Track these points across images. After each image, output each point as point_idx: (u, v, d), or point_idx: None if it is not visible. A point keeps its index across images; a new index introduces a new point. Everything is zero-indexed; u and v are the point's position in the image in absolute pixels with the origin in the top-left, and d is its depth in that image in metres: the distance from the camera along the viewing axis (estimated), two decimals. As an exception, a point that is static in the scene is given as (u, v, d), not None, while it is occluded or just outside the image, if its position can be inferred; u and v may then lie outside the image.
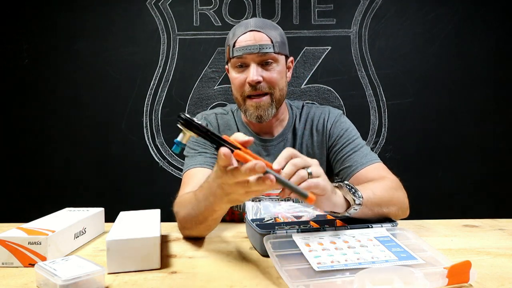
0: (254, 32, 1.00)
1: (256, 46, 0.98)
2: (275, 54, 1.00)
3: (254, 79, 0.98)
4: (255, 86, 0.99)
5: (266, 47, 0.99)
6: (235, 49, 1.00)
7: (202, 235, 0.88)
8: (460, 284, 0.58)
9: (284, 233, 0.71)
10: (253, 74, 0.98)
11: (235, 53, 1.00)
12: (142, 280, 0.63)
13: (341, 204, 0.73)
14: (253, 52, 0.98)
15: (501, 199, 1.91)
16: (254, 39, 0.99)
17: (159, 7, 1.95)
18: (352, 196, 0.73)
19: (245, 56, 0.99)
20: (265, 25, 1.03)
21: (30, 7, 1.95)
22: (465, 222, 1.00)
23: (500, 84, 1.92)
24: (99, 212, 0.94)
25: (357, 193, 0.74)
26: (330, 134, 1.10)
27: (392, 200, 0.85)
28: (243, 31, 1.01)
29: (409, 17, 1.93)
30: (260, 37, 1.00)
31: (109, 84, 1.95)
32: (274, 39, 1.00)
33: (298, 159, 0.65)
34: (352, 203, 0.73)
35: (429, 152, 1.94)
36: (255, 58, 0.99)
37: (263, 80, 1.00)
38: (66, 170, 1.96)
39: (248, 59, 0.99)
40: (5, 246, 0.70)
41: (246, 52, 0.98)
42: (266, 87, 1.00)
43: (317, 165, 0.67)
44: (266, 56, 0.99)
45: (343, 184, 0.75)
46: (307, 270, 0.60)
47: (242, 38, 1.00)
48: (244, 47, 0.99)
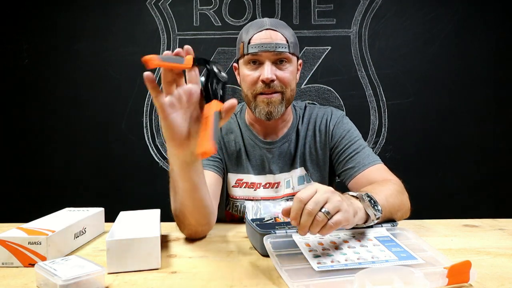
0: (270, 30, 1.01)
1: (273, 44, 0.98)
2: (289, 54, 1.01)
3: (269, 77, 0.98)
4: (269, 84, 0.99)
5: (282, 46, 0.99)
6: (250, 46, 1.00)
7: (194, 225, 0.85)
8: (460, 284, 0.58)
9: (284, 233, 0.71)
10: (268, 72, 0.98)
11: (250, 50, 1.00)
12: (142, 280, 0.63)
13: (361, 219, 0.71)
14: (269, 50, 0.98)
15: (501, 199, 1.91)
16: (270, 37, 1.00)
17: (159, 7, 1.95)
18: (373, 211, 0.71)
19: (260, 53, 0.99)
20: (280, 25, 1.04)
21: (30, 7, 1.95)
22: (465, 222, 1.00)
23: (500, 84, 1.92)
24: (99, 212, 0.94)
25: (377, 206, 0.72)
26: (332, 135, 1.10)
27: (400, 205, 0.85)
28: (258, 29, 1.01)
29: (409, 17, 1.93)
30: (276, 35, 1.00)
31: (109, 84, 1.95)
32: (289, 39, 1.01)
33: (310, 203, 0.61)
34: (373, 217, 0.71)
35: (429, 152, 1.94)
36: (270, 56, 0.99)
37: (276, 78, 1.00)
38: (66, 170, 1.96)
39: (263, 57, 1.00)
40: (5, 246, 0.70)
41: (262, 49, 0.99)
42: (278, 86, 1.01)
43: (332, 194, 0.63)
44: (281, 55, 1.00)
45: (364, 197, 0.71)
46: (307, 270, 0.60)
47: (258, 36, 1.01)
48: (260, 45, 0.99)
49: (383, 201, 0.77)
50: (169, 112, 0.65)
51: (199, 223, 0.85)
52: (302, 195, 0.62)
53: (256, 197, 1.09)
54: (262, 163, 1.10)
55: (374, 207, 0.71)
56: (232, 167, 1.10)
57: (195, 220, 0.84)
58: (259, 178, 1.10)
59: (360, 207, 0.70)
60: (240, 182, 1.10)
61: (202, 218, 0.84)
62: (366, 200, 0.71)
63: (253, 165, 1.10)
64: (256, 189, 1.09)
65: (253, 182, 1.09)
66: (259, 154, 1.10)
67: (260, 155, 1.10)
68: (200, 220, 0.84)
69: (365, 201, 0.71)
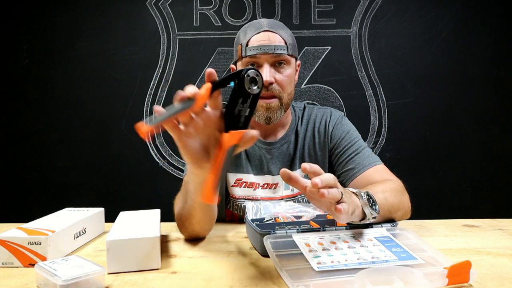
0: (268, 32, 1.00)
1: (271, 47, 0.97)
2: (288, 56, 1.00)
3: (268, 79, 0.97)
4: (267, 87, 0.99)
5: (281, 48, 0.98)
6: (248, 48, 0.99)
7: (197, 231, 0.86)
8: (460, 284, 0.58)
9: (284, 233, 0.71)
10: (267, 75, 0.97)
11: (249, 52, 0.99)
12: (142, 280, 0.63)
13: (357, 216, 0.71)
14: (267, 52, 0.97)
15: (501, 199, 1.91)
16: (268, 39, 0.99)
17: (159, 7, 1.95)
18: (370, 210, 0.71)
19: (259, 55, 0.98)
20: (278, 26, 1.02)
21: (30, 7, 1.95)
22: (465, 222, 1.00)
23: (500, 84, 1.92)
24: (99, 212, 0.94)
25: (375, 206, 0.72)
26: (332, 136, 1.10)
27: (400, 205, 0.85)
28: (256, 30, 1.00)
29: (409, 17, 1.93)
30: (274, 37, 0.99)
31: (109, 84, 1.95)
32: (287, 40, 1.00)
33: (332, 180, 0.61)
34: (369, 216, 0.71)
35: (429, 152, 1.94)
36: (268, 58, 0.98)
37: (275, 81, 0.99)
38: (66, 170, 1.96)
39: (261, 59, 0.99)
40: (5, 246, 0.70)
41: (261, 52, 0.98)
42: (276, 90, 1.00)
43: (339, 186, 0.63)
44: (280, 57, 0.99)
45: (363, 195, 0.72)
46: (307, 270, 0.60)
47: (256, 38, 0.99)
48: (258, 47, 0.98)
49: (382, 200, 0.77)
50: (186, 141, 0.60)
51: (203, 229, 0.87)
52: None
53: (256, 197, 1.09)
54: (261, 163, 1.10)
55: (371, 206, 0.71)
56: (231, 167, 1.10)
57: (200, 227, 0.85)
58: (258, 178, 1.10)
59: (358, 204, 0.70)
60: (239, 182, 1.10)
61: (208, 224, 0.87)
62: (365, 199, 0.71)
63: (252, 165, 1.10)
64: (255, 189, 1.09)
65: (252, 182, 1.09)
66: (258, 154, 1.10)
67: (259, 156, 1.10)
68: (205, 226, 0.86)
69: (363, 199, 0.71)
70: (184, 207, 0.81)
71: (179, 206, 0.84)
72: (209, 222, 0.86)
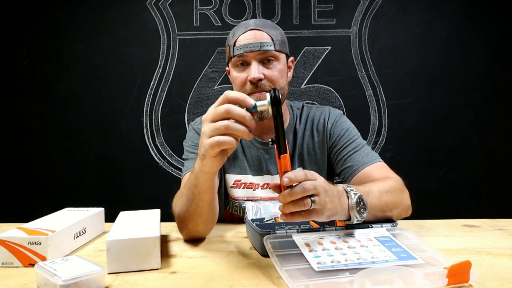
0: (255, 31, 1.00)
1: (257, 44, 0.98)
2: (275, 51, 1.00)
3: (256, 76, 0.97)
4: (257, 84, 0.99)
5: (267, 45, 0.98)
6: (236, 48, 1.00)
7: (200, 232, 0.86)
8: (460, 284, 0.58)
9: (284, 233, 0.71)
10: (254, 72, 0.98)
11: (236, 52, 1.00)
12: (142, 280, 0.63)
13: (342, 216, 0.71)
14: (254, 49, 0.98)
15: (501, 199, 1.91)
16: (254, 37, 0.99)
17: (159, 7, 1.95)
18: (356, 213, 0.71)
19: (246, 54, 0.99)
20: (265, 25, 1.03)
21: (30, 7, 1.95)
22: (465, 222, 1.00)
23: (500, 84, 1.92)
24: (99, 212, 0.94)
25: (363, 211, 0.72)
26: (330, 134, 1.10)
27: (396, 203, 0.84)
28: (243, 30, 1.01)
29: (409, 17, 1.93)
30: (260, 35, 1.00)
31: (109, 84, 1.95)
32: (274, 37, 1.00)
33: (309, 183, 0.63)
34: (354, 220, 0.71)
35: (429, 152, 1.94)
36: (256, 56, 0.99)
37: (264, 77, 0.99)
38: (66, 170, 1.96)
39: (249, 57, 0.99)
40: (5, 246, 0.70)
41: (247, 50, 0.98)
42: (267, 85, 1.00)
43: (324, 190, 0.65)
44: (267, 54, 0.99)
45: (354, 197, 0.71)
46: (307, 270, 0.60)
47: (243, 37, 1.00)
48: (245, 45, 0.98)
49: (376, 200, 0.77)
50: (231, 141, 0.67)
51: (207, 229, 0.87)
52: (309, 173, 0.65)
53: (256, 197, 1.09)
54: (260, 163, 1.10)
55: (359, 211, 0.71)
56: (229, 168, 1.10)
57: (204, 227, 0.85)
58: (257, 179, 1.10)
59: (345, 207, 0.70)
60: (238, 183, 1.10)
61: (212, 224, 0.87)
62: (354, 202, 0.71)
63: (250, 165, 1.10)
64: (255, 190, 1.09)
65: (252, 183, 1.09)
66: (256, 154, 1.10)
67: (257, 156, 1.10)
68: (209, 226, 0.87)
69: (352, 202, 0.71)
70: (189, 207, 0.80)
71: (180, 206, 0.84)
72: (212, 222, 0.86)
